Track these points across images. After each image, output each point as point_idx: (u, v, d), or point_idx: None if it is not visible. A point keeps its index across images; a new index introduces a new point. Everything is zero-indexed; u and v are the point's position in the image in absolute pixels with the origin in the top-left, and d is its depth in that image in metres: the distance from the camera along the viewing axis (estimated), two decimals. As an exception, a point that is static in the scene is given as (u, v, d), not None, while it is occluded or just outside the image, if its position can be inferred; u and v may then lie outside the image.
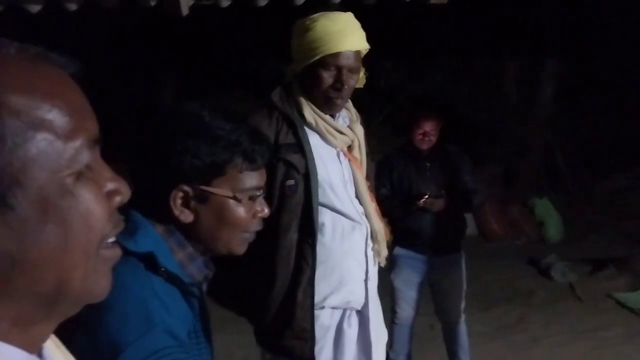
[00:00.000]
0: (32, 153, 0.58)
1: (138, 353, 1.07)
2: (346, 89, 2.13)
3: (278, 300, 2.10)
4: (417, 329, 4.00)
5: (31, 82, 0.60)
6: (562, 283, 6.04)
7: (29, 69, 0.60)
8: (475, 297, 5.18)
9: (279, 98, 2.15)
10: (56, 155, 0.59)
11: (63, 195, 0.59)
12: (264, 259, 2.08)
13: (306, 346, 2.08)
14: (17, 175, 0.57)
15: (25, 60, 0.61)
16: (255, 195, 1.30)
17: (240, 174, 1.27)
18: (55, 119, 0.60)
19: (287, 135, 2.10)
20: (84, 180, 0.61)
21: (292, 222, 2.08)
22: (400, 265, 3.78)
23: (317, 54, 2.09)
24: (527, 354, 4.57)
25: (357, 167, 2.22)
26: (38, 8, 3.43)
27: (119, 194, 0.65)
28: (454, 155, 3.87)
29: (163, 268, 1.19)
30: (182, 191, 1.23)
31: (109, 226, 0.64)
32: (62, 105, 0.60)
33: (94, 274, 0.63)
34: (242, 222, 1.28)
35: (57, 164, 0.59)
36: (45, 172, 0.58)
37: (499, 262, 6.69)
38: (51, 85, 0.61)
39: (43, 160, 0.58)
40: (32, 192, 0.58)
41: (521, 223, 8.02)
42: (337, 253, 2.14)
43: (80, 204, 0.60)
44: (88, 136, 0.62)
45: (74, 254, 0.60)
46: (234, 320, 2.49)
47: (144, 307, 1.12)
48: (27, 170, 0.57)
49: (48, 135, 0.59)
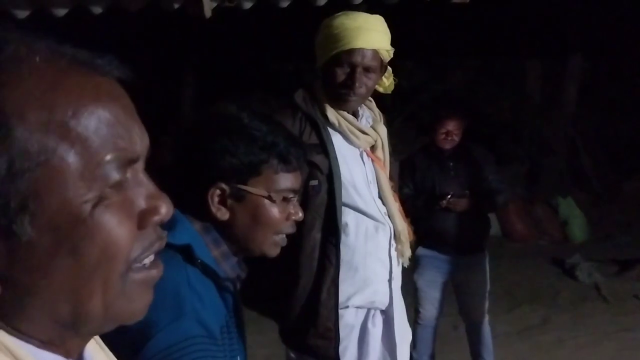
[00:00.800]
0: (44, 178, 0.53)
1: (167, 339, 1.09)
2: (359, 88, 2.11)
3: (302, 299, 2.10)
4: (441, 329, 3.99)
5: (52, 97, 0.54)
6: (588, 283, 5.97)
7: (53, 81, 0.54)
8: (499, 298, 5.15)
9: (302, 99, 2.16)
10: (72, 181, 0.54)
11: (77, 225, 0.54)
12: (288, 259, 2.08)
13: (330, 345, 2.08)
14: (25, 201, 0.52)
15: (51, 69, 0.55)
16: (289, 197, 1.34)
17: (276, 174, 1.31)
18: (75, 139, 0.54)
19: (311, 135, 2.11)
20: (105, 206, 0.56)
21: (315, 222, 2.09)
22: (424, 265, 3.77)
23: (333, 50, 2.09)
24: (552, 355, 4.53)
25: (380, 167, 2.21)
26: (64, 12, 3.47)
27: (157, 213, 0.60)
28: (478, 155, 3.85)
29: (199, 260, 1.22)
30: (219, 189, 1.28)
31: (139, 248, 0.59)
32: (87, 123, 0.54)
33: (123, 298, 0.59)
34: (276, 222, 1.32)
35: (72, 191, 0.54)
36: (58, 199, 0.53)
37: (523, 262, 6.64)
38: (78, 99, 0.55)
39: (56, 186, 0.53)
40: (42, 221, 0.53)
41: (545, 223, 7.94)
42: (361, 253, 2.14)
43: (98, 234, 0.55)
44: (119, 155, 0.56)
45: (90, 284, 0.56)
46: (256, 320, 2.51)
47: (177, 295, 1.15)
48: (37, 197, 0.52)
49: (64, 158, 0.53)
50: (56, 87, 0.54)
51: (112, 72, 0.60)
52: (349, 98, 2.13)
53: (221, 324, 1.23)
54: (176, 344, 1.10)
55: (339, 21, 2.10)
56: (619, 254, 6.66)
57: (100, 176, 0.55)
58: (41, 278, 0.54)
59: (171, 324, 1.11)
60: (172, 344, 1.09)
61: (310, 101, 2.16)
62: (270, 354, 4.08)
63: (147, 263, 0.61)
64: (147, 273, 0.61)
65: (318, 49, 2.17)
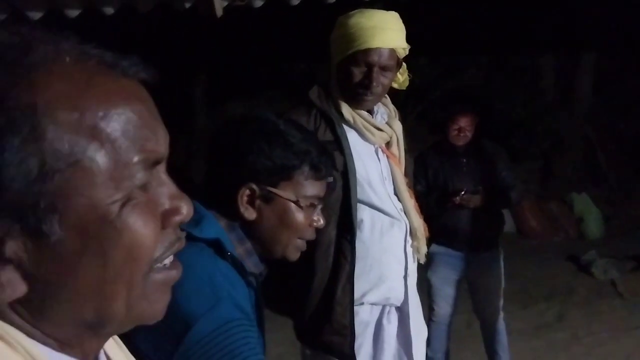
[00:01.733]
0: (73, 178, 0.53)
1: (209, 325, 1.13)
2: (376, 87, 2.10)
3: (317, 296, 2.10)
4: (455, 327, 3.97)
5: (82, 98, 0.54)
6: (604, 280, 5.93)
7: (83, 82, 0.55)
8: (514, 295, 5.12)
9: (316, 96, 2.16)
10: (101, 182, 0.54)
11: (104, 226, 0.55)
12: (303, 256, 2.08)
13: (346, 342, 2.08)
14: (55, 202, 0.53)
15: (80, 70, 0.56)
16: (315, 204, 1.39)
17: (305, 181, 1.36)
18: (104, 140, 0.55)
19: (326, 132, 2.10)
20: (132, 206, 0.56)
21: (330, 219, 2.08)
22: (437, 262, 3.75)
23: (349, 50, 2.08)
24: (567, 352, 4.50)
25: (395, 163, 2.21)
26: (76, 13, 3.49)
27: (179, 214, 0.61)
28: (491, 151, 3.83)
29: (229, 253, 1.26)
30: (249, 189, 1.32)
31: (161, 249, 0.60)
32: (116, 125, 0.55)
33: (144, 300, 0.59)
34: (300, 227, 1.36)
35: (100, 192, 0.54)
36: (87, 199, 0.54)
37: (538, 259, 6.60)
38: (107, 100, 0.55)
39: (85, 186, 0.54)
40: (70, 222, 0.53)
41: (560, 219, 7.89)
42: (376, 250, 2.14)
43: (124, 235, 0.56)
44: (146, 157, 0.57)
45: (115, 285, 0.57)
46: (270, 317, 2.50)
47: (211, 283, 1.19)
48: (67, 197, 0.53)
49: (94, 159, 0.54)
50: (86, 88, 0.55)
51: (137, 73, 0.60)
52: (365, 98, 2.13)
53: (253, 307, 1.28)
54: (218, 328, 1.13)
55: (355, 20, 2.09)
56: (635, 250, 6.59)
57: (128, 177, 0.56)
58: (68, 278, 0.55)
59: (210, 310, 1.15)
60: (214, 328, 1.13)
61: (325, 98, 2.16)
62: (283, 352, 4.09)
63: (167, 263, 0.61)
64: (167, 273, 0.61)
65: (333, 47, 2.16)
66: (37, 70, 0.54)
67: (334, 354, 2.11)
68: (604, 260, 6.17)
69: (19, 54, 0.54)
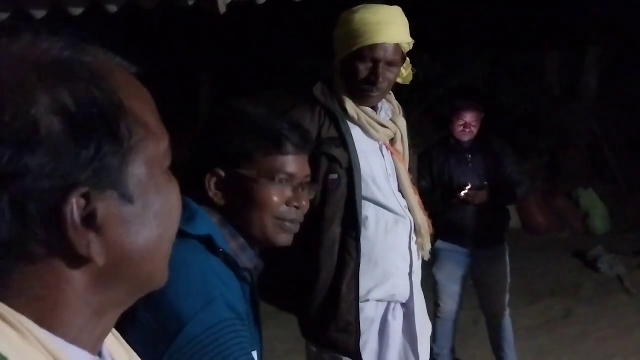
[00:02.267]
0: (143, 153, 0.60)
1: (201, 325, 1.12)
2: (382, 83, 2.10)
3: (322, 293, 2.10)
4: (461, 323, 3.97)
5: (133, 87, 0.62)
6: (610, 276, 5.90)
7: (125, 75, 0.62)
8: (520, 291, 5.10)
9: (320, 92, 2.15)
10: (156, 154, 0.62)
11: (159, 192, 0.62)
12: (308, 253, 2.09)
13: (351, 339, 2.08)
14: (137, 173, 0.59)
15: (118, 69, 0.62)
16: (285, 180, 1.34)
17: (268, 157, 1.33)
18: (151, 122, 0.62)
19: (330, 129, 2.10)
20: (170, 179, 0.64)
21: (335, 216, 2.08)
22: (443, 259, 3.74)
23: (354, 46, 2.07)
24: (575, 348, 4.48)
25: (399, 160, 2.20)
26: (80, 11, 3.49)
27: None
28: (497, 147, 3.81)
29: (221, 249, 1.25)
30: (216, 175, 1.31)
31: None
32: (153, 110, 0.63)
33: (166, 264, 0.66)
34: (271, 204, 1.33)
35: (158, 163, 0.62)
36: (149, 169, 0.61)
37: (544, 254, 6.58)
38: (141, 91, 0.63)
39: (149, 158, 0.61)
40: (142, 187, 0.60)
41: (566, 215, 7.86)
42: (381, 247, 2.13)
43: (169, 201, 0.63)
44: (168, 139, 0.64)
45: (165, 245, 0.64)
46: (276, 315, 2.51)
47: (204, 282, 1.18)
48: (141, 168, 0.60)
49: (151, 137, 0.61)
50: (130, 79, 0.62)
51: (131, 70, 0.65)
52: (371, 94, 2.12)
53: (247, 311, 1.26)
54: (210, 329, 1.13)
55: (360, 16, 2.08)
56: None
57: (166, 154, 0.63)
58: (140, 238, 0.61)
59: (203, 310, 1.14)
60: (206, 329, 1.13)
61: (329, 95, 2.15)
62: (289, 349, 4.09)
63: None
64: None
65: (338, 44, 2.15)
66: (97, 67, 0.59)
67: (339, 350, 2.11)
68: (611, 256, 6.14)
69: (91, 65, 0.59)
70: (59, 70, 0.57)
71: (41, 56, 0.57)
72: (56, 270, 0.57)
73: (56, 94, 0.55)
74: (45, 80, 0.55)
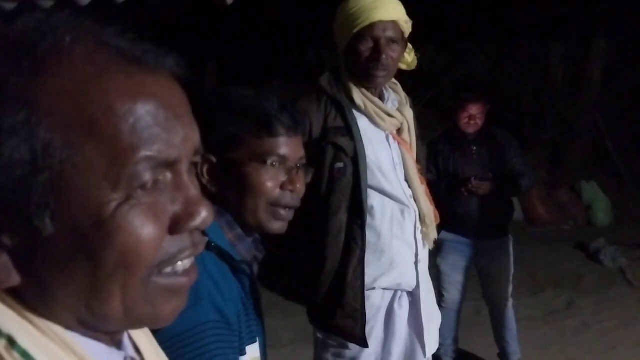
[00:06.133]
0: (66, 174, 0.51)
1: (184, 324, 1.09)
2: (386, 60, 2.10)
3: (328, 280, 2.12)
4: (464, 313, 3.99)
5: (85, 93, 0.52)
6: (612, 268, 5.92)
7: (90, 76, 0.53)
8: (523, 282, 5.13)
9: (327, 82, 2.16)
10: (95, 180, 0.52)
11: (96, 226, 0.52)
12: (314, 241, 2.11)
13: (357, 326, 2.09)
14: (47, 197, 0.51)
15: (92, 63, 0.53)
16: (277, 163, 1.30)
17: (258, 140, 1.29)
18: (102, 138, 0.52)
19: (336, 118, 2.11)
20: (130, 207, 0.53)
21: (341, 204, 2.10)
22: (447, 249, 3.76)
23: (353, 29, 2.09)
24: (577, 339, 4.50)
25: (406, 149, 2.22)
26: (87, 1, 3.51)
27: (192, 219, 0.57)
28: (501, 139, 3.83)
29: (213, 243, 1.21)
30: (207, 161, 1.27)
31: (165, 254, 0.56)
32: (118, 122, 0.52)
33: (145, 303, 0.57)
34: (264, 189, 1.29)
35: (94, 190, 0.52)
36: (80, 197, 0.52)
37: (546, 246, 6.59)
38: (114, 97, 0.53)
39: (78, 184, 0.52)
40: (63, 219, 0.52)
41: (569, 207, 7.87)
42: (387, 236, 2.15)
43: (118, 237, 0.53)
44: (151, 157, 0.54)
45: (106, 287, 0.54)
46: (280, 304, 2.53)
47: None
48: (58, 193, 0.51)
49: (89, 156, 0.52)
50: (92, 83, 0.52)
51: (163, 67, 0.58)
52: (376, 73, 2.12)
53: (237, 307, 1.22)
54: (193, 328, 1.10)
55: (354, 2, 2.12)
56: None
57: (128, 177, 0.53)
58: (59, 276, 0.53)
59: (188, 310, 1.11)
60: (189, 328, 1.09)
61: (335, 84, 2.16)
62: (294, 338, 4.12)
63: (179, 270, 0.59)
64: (174, 280, 0.58)
65: (338, 34, 2.18)
66: (44, 62, 0.52)
67: (345, 336, 2.13)
68: (613, 248, 6.15)
69: (31, 42, 0.53)
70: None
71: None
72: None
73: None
74: None
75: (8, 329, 0.53)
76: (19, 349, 0.52)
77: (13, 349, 0.52)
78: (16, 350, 0.52)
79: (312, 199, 1.95)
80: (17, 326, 0.54)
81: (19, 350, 0.52)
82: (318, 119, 2.10)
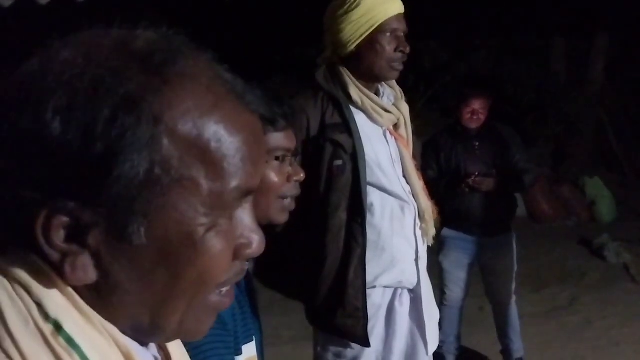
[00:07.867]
0: (173, 192, 0.54)
1: None
2: (408, 52, 2.13)
3: (329, 280, 2.10)
4: (467, 311, 3.97)
5: (205, 120, 0.55)
6: (616, 264, 5.90)
7: (211, 105, 0.56)
8: (526, 279, 5.11)
9: (323, 78, 2.14)
10: (196, 203, 0.55)
11: (187, 245, 0.56)
12: (314, 239, 2.09)
13: (359, 325, 2.08)
14: (149, 209, 0.54)
15: (213, 93, 0.57)
16: (282, 156, 1.31)
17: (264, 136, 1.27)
18: (211, 165, 0.55)
19: (333, 115, 2.09)
20: (214, 233, 0.57)
21: (341, 202, 2.08)
22: (449, 246, 3.74)
23: (375, 23, 2.07)
24: (580, 335, 4.48)
25: (404, 145, 2.20)
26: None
27: (250, 247, 0.61)
28: (504, 134, 3.80)
29: None
30: None
31: (225, 278, 0.60)
32: (226, 153, 0.56)
33: (195, 319, 0.60)
34: (274, 184, 1.29)
35: (193, 212, 0.55)
36: (179, 216, 0.55)
37: (550, 243, 6.57)
38: (226, 128, 0.56)
39: (181, 203, 0.55)
40: (156, 232, 0.55)
41: (572, 203, 7.83)
42: (387, 233, 2.13)
43: (202, 258, 0.56)
44: (242, 188, 0.58)
45: (177, 302, 0.57)
46: (281, 301, 2.52)
47: None
48: (160, 209, 0.54)
49: (197, 180, 0.55)
50: (212, 112, 0.56)
51: (258, 109, 0.62)
52: (399, 67, 2.14)
53: (232, 306, 1.22)
54: None
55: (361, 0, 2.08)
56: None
57: (221, 204, 0.57)
58: (135, 284, 0.56)
59: None
60: None
61: (332, 80, 2.14)
62: (295, 335, 4.11)
63: (224, 290, 0.63)
64: (222, 300, 0.62)
65: (346, 32, 2.11)
66: (173, 84, 0.55)
67: (347, 336, 2.11)
68: (617, 244, 6.13)
69: (164, 62, 0.56)
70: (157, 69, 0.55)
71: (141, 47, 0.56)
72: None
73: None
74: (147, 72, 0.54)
75: (56, 314, 0.54)
76: (64, 334, 0.54)
77: (59, 334, 0.53)
78: (62, 336, 0.54)
79: (311, 197, 1.93)
80: (66, 313, 0.55)
81: (64, 336, 0.54)
82: (315, 116, 2.08)
